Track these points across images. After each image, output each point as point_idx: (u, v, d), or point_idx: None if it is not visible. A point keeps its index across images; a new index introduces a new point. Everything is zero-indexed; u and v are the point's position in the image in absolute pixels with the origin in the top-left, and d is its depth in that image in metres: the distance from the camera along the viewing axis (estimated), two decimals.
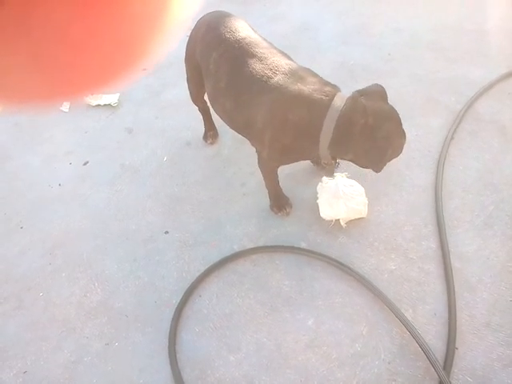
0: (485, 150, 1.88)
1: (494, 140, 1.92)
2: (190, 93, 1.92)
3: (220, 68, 1.50)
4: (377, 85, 1.38)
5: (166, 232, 1.75)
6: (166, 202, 1.87)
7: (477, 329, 1.35)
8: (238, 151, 2.04)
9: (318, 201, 1.70)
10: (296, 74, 1.40)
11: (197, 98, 1.92)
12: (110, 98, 2.42)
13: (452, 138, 1.92)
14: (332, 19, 2.93)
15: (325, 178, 1.72)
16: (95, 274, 1.63)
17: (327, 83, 1.41)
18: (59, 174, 2.05)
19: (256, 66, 1.42)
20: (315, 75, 1.44)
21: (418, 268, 1.52)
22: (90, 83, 0.24)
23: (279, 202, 1.75)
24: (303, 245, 1.63)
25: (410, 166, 1.84)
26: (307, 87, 1.36)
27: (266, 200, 1.81)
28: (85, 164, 2.09)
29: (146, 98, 2.46)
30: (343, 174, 1.74)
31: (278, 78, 1.39)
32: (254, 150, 1.59)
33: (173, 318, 1.45)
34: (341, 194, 1.63)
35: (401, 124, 1.35)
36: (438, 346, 1.32)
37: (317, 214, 1.71)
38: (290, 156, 1.52)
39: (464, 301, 1.42)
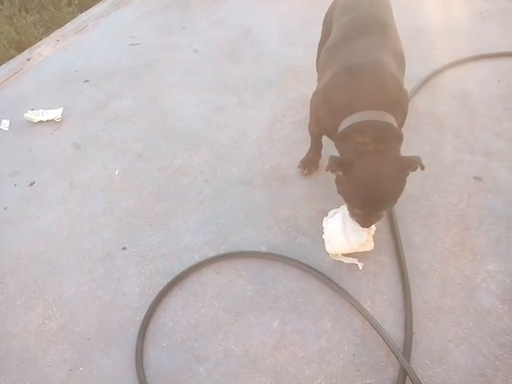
0: (425, 142, 2.00)
1: (432, 132, 2.04)
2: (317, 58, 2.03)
3: (340, 29, 1.63)
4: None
5: (124, 248, 1.71)
6: (121, 216, 1.83)
7: (431, 313, 1.44)
8: (190, 160, 2.04)
9: (323, 236, 1.64)
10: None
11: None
12: (53, 113, 2.33)
13: None
14: (273, 22, 2.98)
15: (330, 212, 1.66)
16: (52, 298, 1.57)
17: (378, 94, 1.43)
18: (4, 197, 1.95)
19: (362, 42, 1.52)
20: (387, 83, 1.45)
21: (374, 261, 1.59)
22: None
23: (307, 158, 1.91)
24: (263, 248, 1.66)
25: None
26: (359, 87, 1.42)
27: (223, 207, 1.82)
28: (31, 184, 2.01)
29: (91, 111, 2.39)
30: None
31: (368, 63, 1.46)
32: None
33: (138, 336, 1.43)
34: (343, 227, 1.56)
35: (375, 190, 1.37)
36: (396, 333, 1.39)
37: (273, 217, 1.76)
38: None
39: (417, 287, 1.50)
